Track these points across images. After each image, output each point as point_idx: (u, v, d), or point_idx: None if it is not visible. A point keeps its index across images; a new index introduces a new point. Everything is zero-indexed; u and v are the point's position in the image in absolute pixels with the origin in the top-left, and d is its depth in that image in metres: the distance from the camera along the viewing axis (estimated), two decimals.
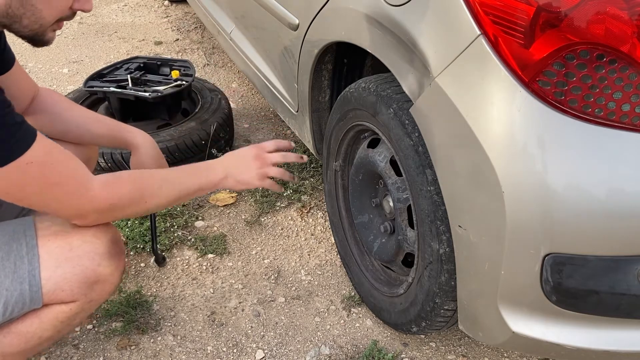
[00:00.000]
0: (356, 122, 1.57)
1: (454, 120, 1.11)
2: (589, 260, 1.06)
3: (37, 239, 1.14)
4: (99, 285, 1.18)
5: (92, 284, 1.16)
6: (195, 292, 1.80)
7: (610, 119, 1.01)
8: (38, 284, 1.12)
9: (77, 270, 1.14)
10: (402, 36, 1.23)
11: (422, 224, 1.32)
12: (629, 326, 1.12)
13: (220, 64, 3.28)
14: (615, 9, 0.96)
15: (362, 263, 1.74)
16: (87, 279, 1.15)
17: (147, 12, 4.03)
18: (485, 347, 1.64)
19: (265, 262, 1.92)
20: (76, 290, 1.15)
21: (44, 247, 1.14)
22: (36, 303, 1.14)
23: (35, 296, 1.13)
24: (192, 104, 2.40)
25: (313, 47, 1.65)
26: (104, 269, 1.17)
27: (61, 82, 3.11)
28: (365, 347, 1.62)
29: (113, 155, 2.02)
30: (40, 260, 1.12)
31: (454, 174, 1.17)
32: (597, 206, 1.02)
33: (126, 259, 1.90)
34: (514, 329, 1.15)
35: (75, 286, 1.14)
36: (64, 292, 1.14)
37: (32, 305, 1.14)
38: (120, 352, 1.59)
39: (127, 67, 2.30)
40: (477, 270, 1.18)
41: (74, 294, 1.15)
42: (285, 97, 2.00)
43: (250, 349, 1.62)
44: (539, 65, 1.01)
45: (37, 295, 1.13)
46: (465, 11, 1.07)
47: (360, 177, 1.67)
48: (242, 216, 2.11)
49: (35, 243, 1.14)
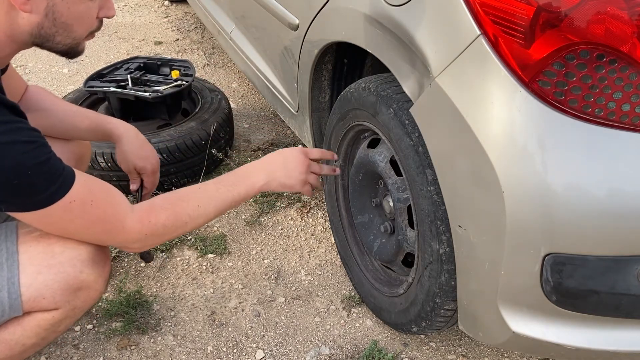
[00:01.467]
0: (356, 122, 1.57)
1: (454, 120, 1.11)
2: (589, 260, 1.06)
3: (17, 245, 1.12)
4: (83, 292, 1.15)
5: (75, 291, 1.14)
6: (195, 292, 1.80)
7: (611, 119, 1.01)
8: (17, 291, 1.09)
9: (59, 278, 1.11)
10: (402, 36, 1.23)
11: (422, 224, 1.32)
12: (629, 326, 1.12)
13: (220, 64, 3.28)
14: (615, 9, 0.96)
15: (362, 263, 1.74)
16: (70, 286, 1.12)
17: (147, 12, 4.03)
18: (485, 347, 1.64)
19: (265, 262, 1.92)
20: (58, 298, 1.12)
21: (25, 254, 1.11)
22: (16, 311, 1.11)
23: (14, 304, 1.10)
24: (192, 104, 2.40)
25: (313, 47, 1.65)
26: (87, 276, 1.14)
27: (61, 82, 3.11)
28: (365, 347, 1.62)
29: (113, 155, 2.02)
30: (20, 267, 1.10)
31: (454, 174, 1.17)
32: (597, 206, 1.02)
33: (126, 259, 1.90)
34: (514, 329, 1.15)
35: (57, 293, 1.12)
36: (46, 300, 1.11)
37: (12, 313, 1.11)
38: (120, 352, 1.59)
39: (127, 67, 2.30)
40: (477, 270, 1.18)
41: (56, 302, 1.12)
42: (285, 97, 2.00)
43: (250, 349, 1.62)
44: (539, 65, 1.01)
45: (16, 303, 1.10)
46: (465, 11, 1.07)
47: (360, 177, 1.67)
48: (242, 216, 2.11)
49: (15, 249, 1.11)
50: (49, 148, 1.01)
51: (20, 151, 0.95)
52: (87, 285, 1.15)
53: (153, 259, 1.86)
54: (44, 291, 1.11)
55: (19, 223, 1.16)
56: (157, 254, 1.91)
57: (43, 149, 0.99)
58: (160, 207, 1.14)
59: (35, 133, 1.00)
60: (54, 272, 1.11)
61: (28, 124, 1.00)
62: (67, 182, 1.02)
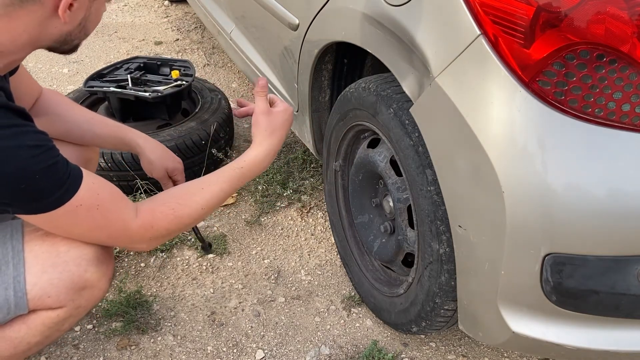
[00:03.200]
0: (356, 122, 1.57)
1: (454, 120, 1.11)
2: (589, 260, 1.06)
3: (23, 244, 1.12)
4: (87, 291, 1.15)
5: (80, 290, 1.14)
6: (195, 292, 1.80)
7: (610, 119, 1.01)
8: (23, 289, 1.10)
9: (64, 276, 1.12)
10: (402, 36, 1.23)
11: (422, 224, 1.32)
12: (629, 326, 1.12)
13: (220, 64, 3.28)
14: (615, 9, 0.96)
15: (362, 263, 1.74)
16: (74, 285, 1.13)
17: (147, 12, 4.03)
18: (485, 347, 1.64)
19: (265, 262, 1.92)
20: (63, 297, 1.13)
21: (31, 252, 1.11)
22: (21, 309, 1.12)
23: (20, 302, 1.11)
24: (192, 104, 2.40)
25: (313, 47, 1.65)
26: (91, 275, 1.14)
27: (61, 82, 3.11)
28: (365, 347, 1.62)
29: (113, 155, 2.02)
30: (26, 265, 1.10)
31: (454, 174, 1.17)
32: (597, 206, 1.02)
33: (126, 259, 1.90)
34: (514, 329, 1.15)
35: (62, 292, 1.12)
36: (50, 298, 1.12)
37: (18, 311, 1.12)
38: (120, 352, 1.59)
39: (127, 67, 2.30)
40: (477, 270, 1.18)
41: (61, 300, 1.13)
42: (285, 97, 2.00)
43: (250, 349, 1.62)
44: (539, 65, 1.01)
45: (22, 301, 1.11)
46: (465, 11, 1.07)
47: (360, 177, 1.67)
48: (242, 216, 2.11)
49: (21, 248, 1.11)
50: (57, 151, 1.00)
51: (27, 155, 0.95)
52: (92, 284, 1.16)
53: (212, 249, 1.91)
54: (49, 290, 1.11)
55: (25, 221, 1.16)
56: (157, 254, 1.91)
57: (50, 153, 0.99)
58: (162, 214, 1.14)
59: (43, 136, 0.99)
60: (59, 271, 1.11)
61: (35, 127, 1.00)
62: (74, 186, 1.02)
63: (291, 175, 2.25)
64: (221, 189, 1.20)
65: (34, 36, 1.01)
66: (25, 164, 0.94)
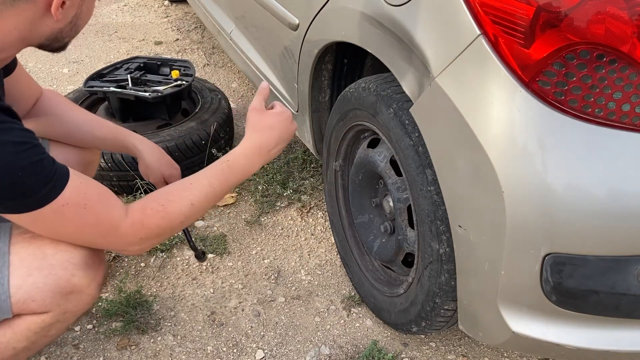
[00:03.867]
0: (356, 122, 1.57)
1: (454, 120, 1.11)
2: (589, 260, 1.06)
3: (9, 246, 1.09)
4: (74, 296, 1.11)
5: (66, 295, 1.10)
6: (195, 292, 1.80)
7: (610, 119, 1.01)
8: (7, 292, 1.07)
9: (49, 280, 1.08)
10: (402, 36, 1.23)
11: (422, 224, 1.32)
12: (629, 326, 1.12)
13: (220, 64, 3.28)
14: (615, 8, 0.96)
15: (362, 263, 1.74)
16: (60, 289, 1.09)
17: (147, 12, 4.03)
18: (485, 347, 1.64)
19: (265, 262, 1.92)
20: (48, 301, 1.09)
21: (17, 255, 1.08)
22: (5, 313, 1.08)
23: (3, 305, 1.07)
24: (192, 104, 2.40)
25: (313, 47, 1.65)
26: (79, 279, 1.10)
27: (61, 82, 3.11)
28: (365, 347, 1.62)
29: (113, 155, 2.02)
30: (10, 268, 1.07)
31: (454, 174, 1.17)
32: (597, 206, 1.02)
33: (126, 259, 1.90)
34: (514, 329, 1.15)
35: (48, 296, 1.08)
36: (35, 302, 1.08)
37: (1, 315, 1.09)
38: (120, 352, 1.59)
39: (127, 67, 2.30)
40: (477, 270, 1.18)
41: (46, 305, 1.09)
42: (285, 97, 2.00)
43: (250, 349, 1.62)
44: (539, 65, 1.01)
45: (5, 305, 1.07)
46: (465, 11, 1.07)
47: (360, 177, 1.67)
48: (242, 216, 2.11)
49: (7, 250, 1.09)
50: (42, 149, 0.99)
51: (12, 152, 0.93)
52: (79, 289, 1.12)
53: (206, 258, 1.90)
54: (34, 293, 1.08)
55: (14, 224, 1.13)
56: (157, 254, 1.91)
57: (36, 149, 0.97)
58: (153, 210, 1.11)
59: (28, 134, 0.98)
60: (44, 275, 1.08)
61: (21, 125, 0.99)
62: (60, 183, 1.00)
63: (291, 175, 2.25)
64: (209, 183, 1.17)
65: (25, 34, 1.00)
66: (11, 160, 0.93)
